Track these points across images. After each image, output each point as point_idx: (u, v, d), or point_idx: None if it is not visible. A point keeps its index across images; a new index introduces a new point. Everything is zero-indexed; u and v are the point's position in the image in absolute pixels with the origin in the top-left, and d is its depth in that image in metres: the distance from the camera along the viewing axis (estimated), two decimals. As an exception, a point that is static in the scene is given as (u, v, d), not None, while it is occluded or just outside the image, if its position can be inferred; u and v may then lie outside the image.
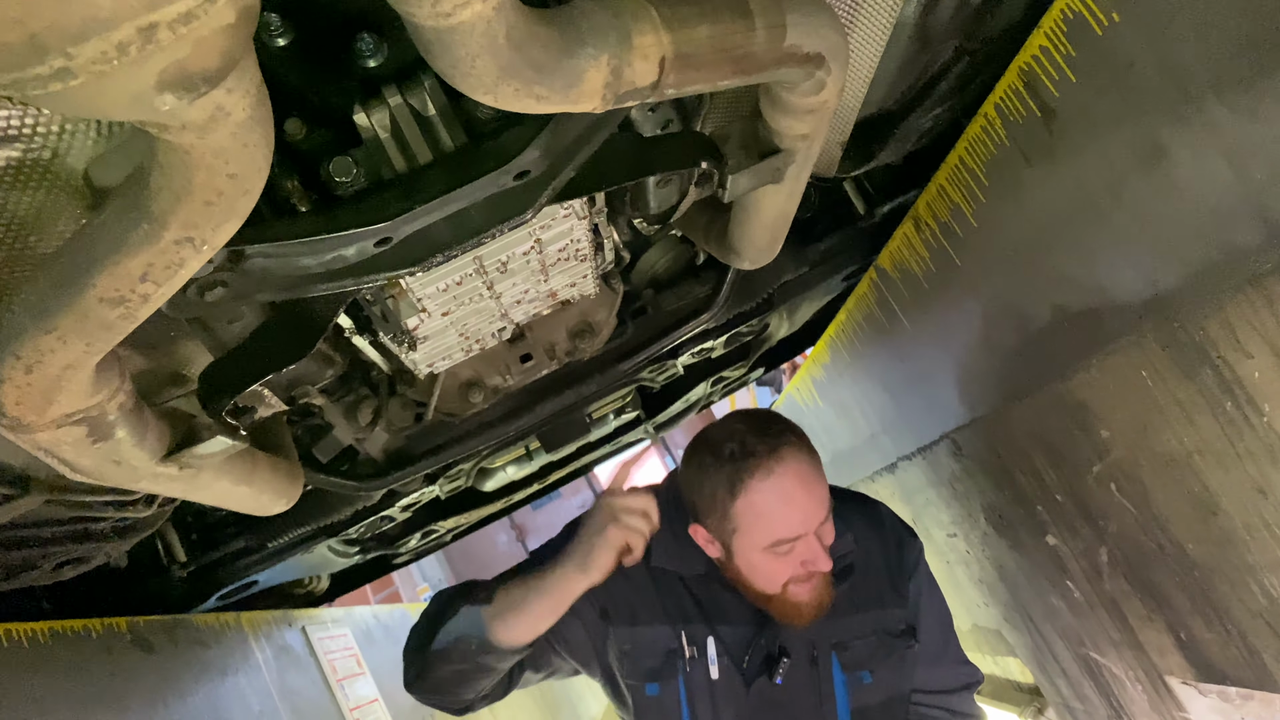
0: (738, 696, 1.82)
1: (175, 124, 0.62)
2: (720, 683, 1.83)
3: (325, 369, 1.47)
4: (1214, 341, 1.25)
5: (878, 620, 1.85)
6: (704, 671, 1.82)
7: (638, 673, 1.86)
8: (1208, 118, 1.08)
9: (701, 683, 1.83)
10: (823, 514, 1.63)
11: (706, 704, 1.83)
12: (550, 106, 0.83)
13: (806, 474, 1.63)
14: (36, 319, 0.76)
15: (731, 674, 1.82)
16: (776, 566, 1.67)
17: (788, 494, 1.61)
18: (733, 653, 1.82)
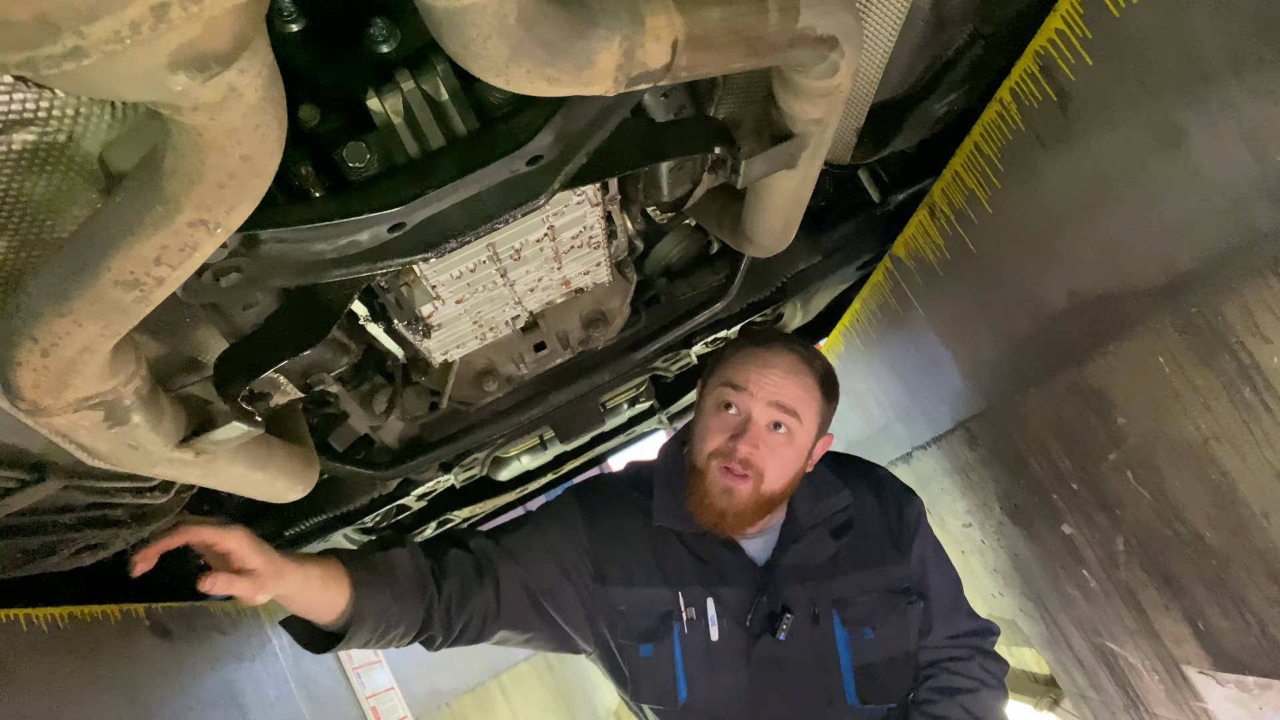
0: (737, 659, 1.82)
1: (188, 105, 0.62)
2: (719, 645, 1.82)
3: (340, 356, 1.47)
4: (1232, 326, 1.24)
5: (878, 578, 1.87)
6: (703, 633, 1.82)
7: (632, 634, 1.86)
8: (1226, 100, 1.07)
9: (699, 645, 1.83)
10: (777, 398, 1.72)
11: (703, 666, 1.82)
12: (562, 89, 0.83)
13: (784, 363, 1.76)
14: (52, 302, 0.77)
15: (732, 635, 1.82)
16: (712, 422, 1.77)
17: (755, 356, 1.76)
18: (734, 613, 1.82)
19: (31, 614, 1.31)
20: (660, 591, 1.84)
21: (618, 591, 1.85)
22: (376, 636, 1.74)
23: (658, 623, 1.84)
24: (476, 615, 1.83)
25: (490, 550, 1.88)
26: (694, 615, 1.82)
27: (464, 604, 1.82)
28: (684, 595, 1.83)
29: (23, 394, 0.83)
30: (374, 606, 1.67)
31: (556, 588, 1.85)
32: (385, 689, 3.00)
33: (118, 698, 1.41)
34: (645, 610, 1.85)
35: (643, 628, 1.85)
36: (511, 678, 4.74)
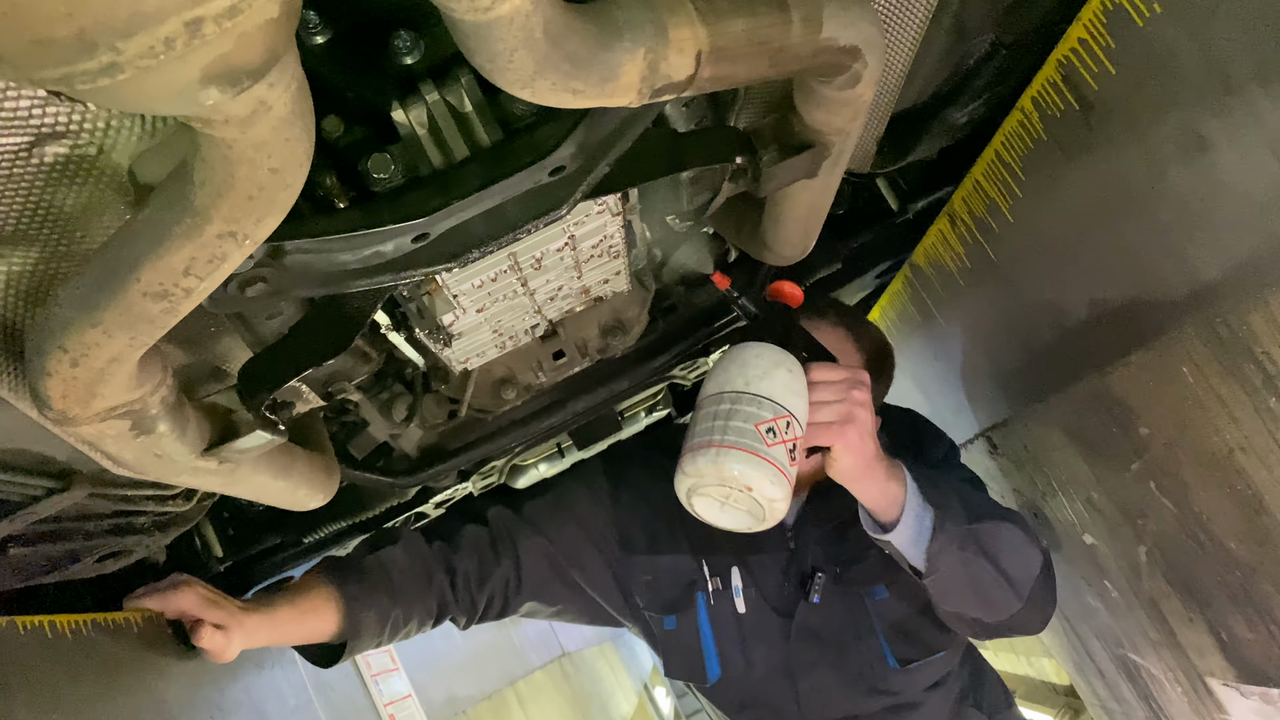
0: (770, 630, 1.75)
1: (218, 118, 0.63)
2: (748, 617, 1.76)
3: (362, 365, 1.48)
4: (1257, 336, 1.23)
5: None
6: (729, 605, 1.76)
7: (656, 604, 1.81)
8: (1251, 108, 1.07)
9: (728, 618, 1.76)
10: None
11: (734, 640, 1.76)
12: (586, 101, 0.83)
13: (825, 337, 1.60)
14: (82, 312, 0.77)
15: (760, 607, 1.75)
16: None
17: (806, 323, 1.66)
18: (763, 583, 1.76)
19: (56, 621, 1.32)
20: (684, 559, 1.79)
21: (642, 560, 1.81)
22: (386, 637, 1.74)
23: (681, 593, 1.79)
24: (498, 591, 1.81)
25: (509, 521, 1.85)
26: (719, 585, 1.77)
27: (483, 581, 1.80)
28: (708, 564, 1.77)
29: (52, 403, 0.84)
30: (371, 615, 1.68)
31: (584, 557, 1.81)
32: (403, 696, 3.00)
33: (141, 704, 1.41)
34: (669, 580, 1.80)
35: (666, 598, 1.80)
36: (528, 685, 4.74)
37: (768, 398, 1.32)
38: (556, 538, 1.84)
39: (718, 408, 1.34)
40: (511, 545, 1.84)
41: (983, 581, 1.53)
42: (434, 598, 1.77)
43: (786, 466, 1.29)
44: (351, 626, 1.65)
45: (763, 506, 1.31)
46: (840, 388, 1.39)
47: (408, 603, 1.73)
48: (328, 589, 1.67)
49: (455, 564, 1.81)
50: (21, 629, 1.27)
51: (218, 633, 1.44)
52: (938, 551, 1.46)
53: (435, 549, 1.82)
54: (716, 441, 1.29)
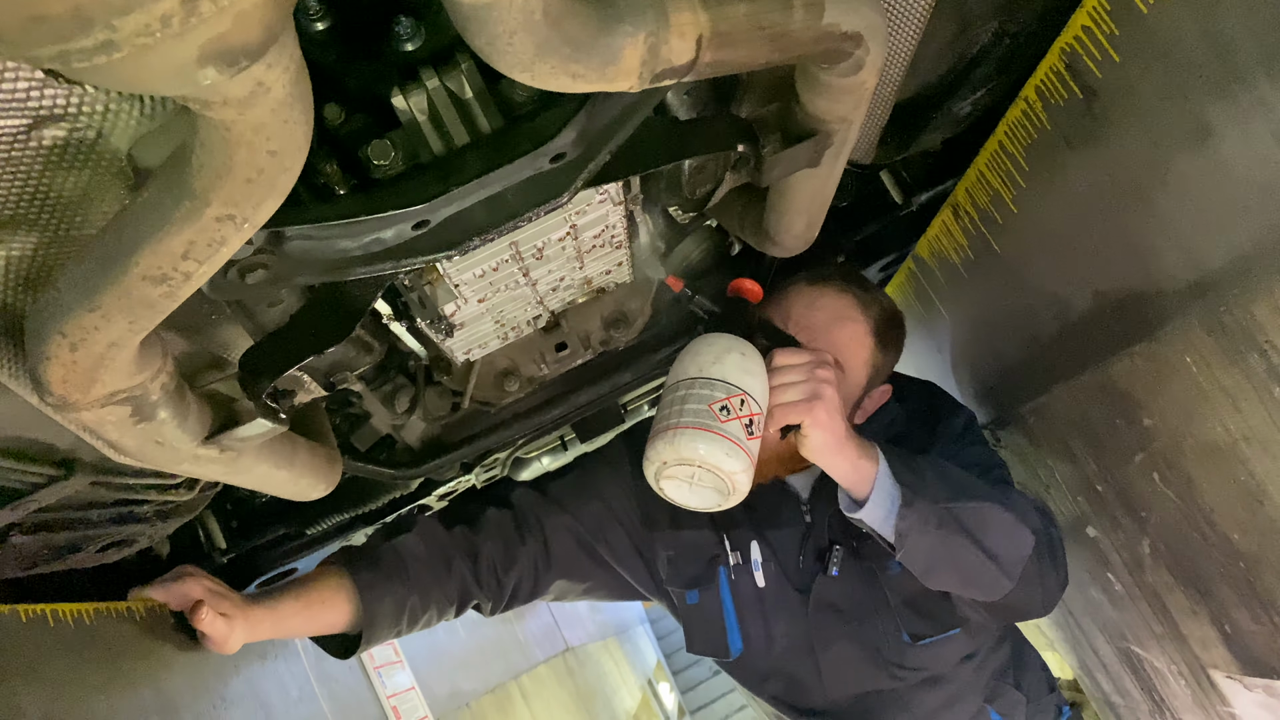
0: (790, 605, 1.75)
1: (216, 99, 0.63)
2: (768, 591, 1.76)
3: (364, 355, 1.48)
4: (1261, 325, 1.22)
5: None
6: (750, 579, 1.76)
7: (679, 579, 1.81)
8: (1257, 95, 1.06)
9: (749, 592, 1.76)
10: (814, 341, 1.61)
11: (756, 615, 1.76)
12: (587, 85, 0.83)
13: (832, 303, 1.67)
14: (81, 297, 0.77)
15: (780, 581, 1.75)
16: None
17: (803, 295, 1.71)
18: (782, 557, 1.75)
19: (58, 609, 1.32)
20: (705, 535, 1.79)
21: (665, 535, 1.81)
22: (404, 627, 1.73)
23: (703, 568, 1.79)
24: (526, 572, 1.80)
25: (535, 502, 1.86)
26: (740, 560, 1.76)
27: (510, 563, 1.80)
28: (729, 539, 1.77)
29: (52, 389, 0.84)
30: (387, 605, 1.67)
31: (610, 534, 1.81)
32: (406, 689, 3.00)
33: (143, 693, 1.41)
34: (691, 555, 1.79)
35: (689, 574, 1.80)
36: (531, 679, 4.75)
37: (719, 379, 1.39)
38: (582, 515, 1.84)
39: (674, 395, 1.42)
40: (539, 525, 1.84)
41: (965, 560, 1.52)
42: (454, 584, 1.77)
43: (743, 440, 1.35)
44: (366, 616, 1.65)
45: (725, 480, 1.36)
46: (804, 369, 1.45)
47: (425, 590, 1.73)
48: (339, 579, 1.67)
49: (479, 548, 1.80)
50: (24, 617, 1.27)
51: (219, 618, 1.44)
52: (906, 529, 1.48)
53: (456, 534, 1.82)
54: (673, 424, 1.37)
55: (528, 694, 4.55)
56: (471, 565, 1.78)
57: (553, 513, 1.84)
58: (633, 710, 8.39)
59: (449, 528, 1.82)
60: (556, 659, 5.67)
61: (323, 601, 1.64)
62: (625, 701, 8.18)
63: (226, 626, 1.45)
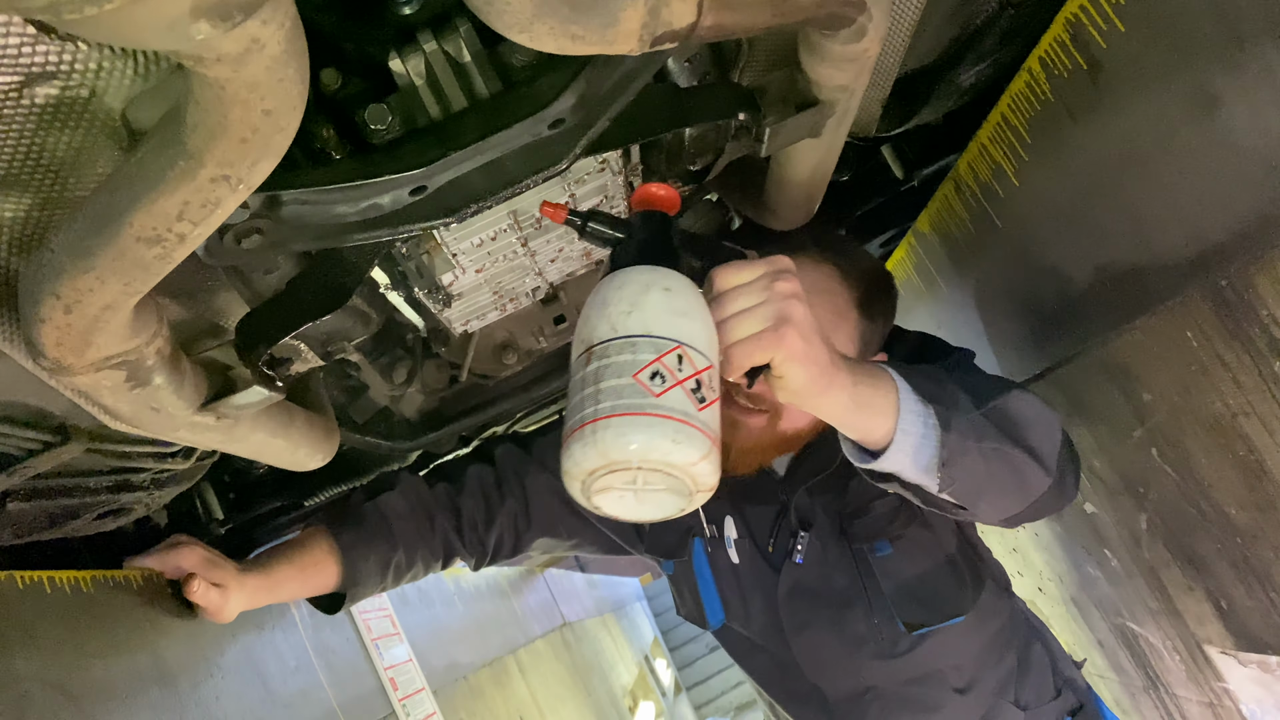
0: (764, 584, 1.69)
1: (210, 55, 0.62)
2: (743, 568, 1.69)
3: (361, 325, 1.47)
4: (1263, 299, 1.22)
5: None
6: (725, 555, 1.72)
7: (657, 547, 1.80)
8: (1263, 64, 1.05)
9: (725, 565, 1.72)
10: None
11: (734, 589, 1.73)
12: (586, 47, 0.82)
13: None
14: (75, 258, 0.77)
15: (754, 558, 1.68)
16: None
17: None
18: (758, 535, 1.69)
19: (55, 576, 1.32)
20: None
21: None
22: (389, 582, 1.75)
23: (678, 539, 1.78)
24: (507, 530, 1.81)
25: (516, 459, 1.85)
26: (714, 533, 1.71)
27: (490, 520, 1.81)
28: (704, 510, 1.67)
29: (46, 351, 0.84)
30: (371, 563, 1.69)
31: None
32: (404, 661, 3.02)
33: (139, 661, 1.42)
34: (668, 524, 1.75)
35: (665, 543, 1.79)
36: (528, 653, 4.77)
37: (642, 334, 0.95)
38: None
39: (585, 371, 0.96)
40: (519, 482, 1.84)
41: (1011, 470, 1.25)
42: (438, 539, 1.78)
43: (693, 414, 0.93)
44: (349, 575, 1.67)
45: (680, 476, 0.95)
46: (758, 287, 1.03)
47: (409, 546, 1.74)
48: (326, 541, 1.68)
49: (460, 504, 1.81)
50: (20, 583, 1.27)
51: (213, 589, 1.45)
52: (951, 457, 1.16)
53: (439, 490, 1.83)
54: (590, 416, 0.92)
55: (525, 668, 4.57)
56: (454, 521, 1.80)
57: (534, 470, 1.84)
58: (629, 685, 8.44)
59: (431, 485, 1.83)
60: (554, 634, 5.70)
61: (315, 564, 1.65)
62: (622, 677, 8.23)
63: (221, 597, 1.46)
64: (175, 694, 1.49)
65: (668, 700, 9.47)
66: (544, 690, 4.70)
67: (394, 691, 2.81)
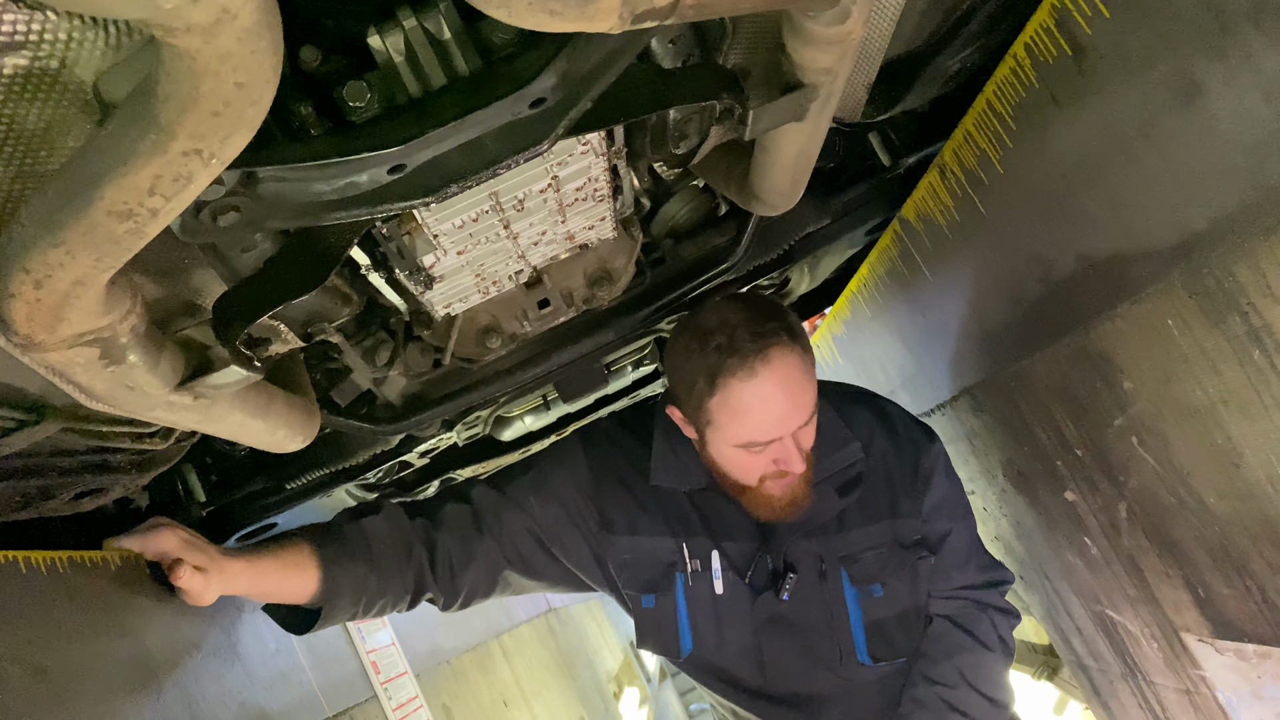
0: (743, 611, 1.81)
1: (180, 25, 0.61)
2: (725, 598, 1.81)
3: (342, 307, 1.46)
4: (1243, 287, 1.22)
5: (889, 531, 1.83)
6: (708, 586, 1.81)
7: (635, 583, 1.86)
8: (1246, 51, 1.05)
9: (705, 597, 1.82)
10: (802, 418, 1.62)
11: (710, 618, 1.82)
12: (566, 23, 0.81)
13: (791, 378, 1.59)
14: (45, 232, 0.76)
15: (737, 587, 1.81)
16: (749, 462, 1.67)
17: (766, 398, 1.58)
18: (737, 567, 1.81)
19: (30, 556, 1.31)
20: (664, 541, 1.83)
21: (623, 540, 1.84)
22: (360, 610, 1.73)
23: (661, 573, 1.84)
24: (483, 568, 1.82)
25: (492, 500, 1.87)
26: (698, 567, 1.81)
27: (467, 560, 1.81)
28: (688, 546, 1.82)
29: (16, 327, 0.83)
30: (348, 583, 1.67)
31: (564, 534, 1.84)
32: (386, 645, 3.02)
33: (117, 642, 1.41)
34: (649, 560, 1.84)
35: (646, 578, 1.84)
36: (513, 638, 4.78)
37: None
38: (539, 516, 1.86)
39: None
40: (496, 521, 1.86)
41: None
42: (412, 572, 1.78)
43: None
44: (329, 591, 1.65)
45: None
46: None
47: (383, 575, 1.73)
48: (309, 547, 1.67)
49: (437, 540, 1.81)
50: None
51: (196, 574, 1.44)
52: None
53: (417, 524, 1.83)
54: None
55: (509, 652, 4.58)
56: (429, 556, 1.80)
57: (511, 511, 1.85)
58: (614, 671, 8.46)
59: (411, 518, 1.82)
60: (539, 619, 5.70)
61: (297, 565, 1.64)
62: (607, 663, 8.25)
63: (203, 580, 1.45)
64: (152, 675, 1.49)
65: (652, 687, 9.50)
66: (528, 675, 4.70)
67: (376, 675, 2.81)
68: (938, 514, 1.87)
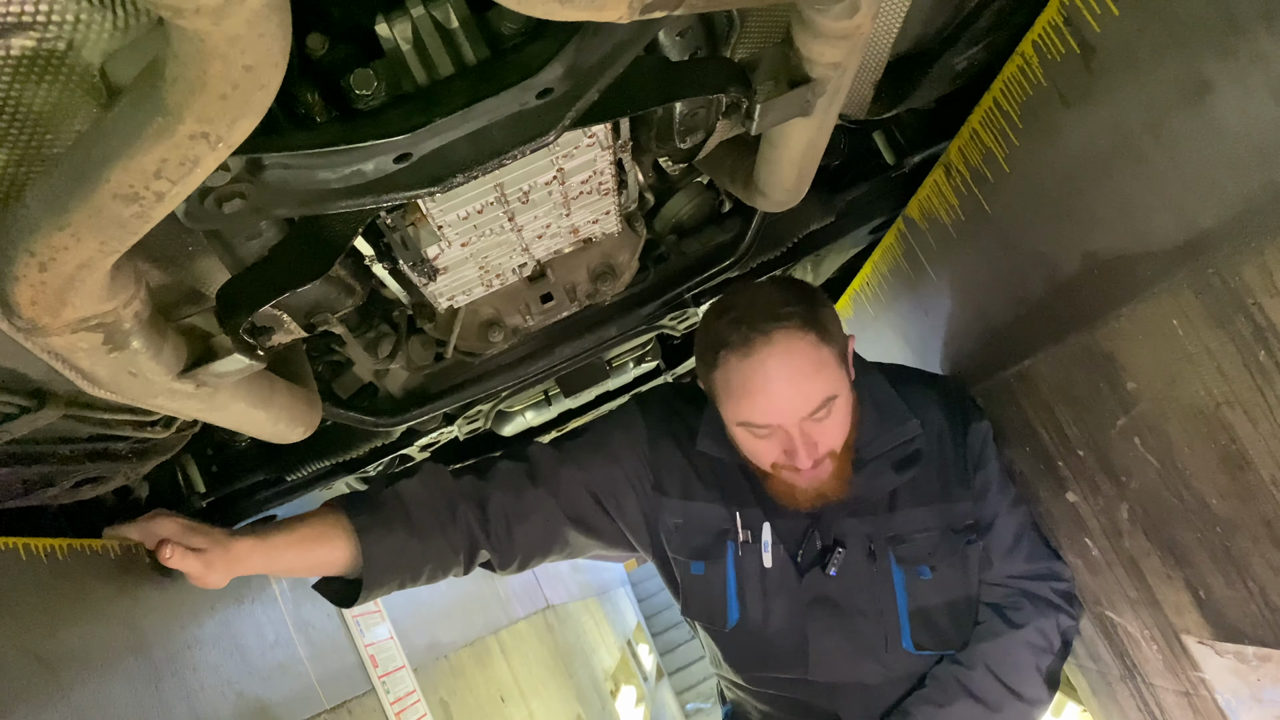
0: (791, 588, 1.78)
1: (189, 7, 0.61)
2: (773, 572, 1.78)
3: (345, 297, 1.46)
4: (1249, 287, 1.21)
5: (941, 514, 1.80)
6: (757, 558, 1.79)
7: (685, 549, 1.82)
8: (1256, 50, 1.04)
9: (753, 569, 1.79)
10: (806, 407, 1.58)
11: (757, 591, 1.79)
12: (574, 13, 0.80)
13: (794, 364, 1.56)
14: (50, 214, 0.75)
15: (786, 564, 1.78)
16: (755, 446, 1.65)
17: (764, 380, 1.56)
18: (787, 543, 1.79)
19: (30, 543, 1.31)
20: (717, 509, 1.80)
21: (675, 504, 1.82)
22: (409, 577, 1.68)
23: (712, 540, 1.81)
24: (541, 524, 1.78)
25: (550, 455, 1.85)
26: (749, 539, 1.79)
27: (522, 513, 1.76)
28: (741, 516, 1.79)
29: (20, 311, 0.83)
30: (385, 551, 1.63)
31: (620, 493, 1.82)
32: (384, 639, 3.02)
33: (116, 630, 1.41)
34: (701, 526, 1.81)
35: (697, 544, 1.82)
36: (511, 634, 4.78)
37: None
38: (595, 472, 1.84)
39: None
40: (554, 475, 1.82)
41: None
42: (460, 532, 1.72)
43: None
44: (365, 558, 1.60)
45: None
46: None
47: (425, 539, 1.67)
48: (336, 517, 1.63)
49: (488, 495, 1.75)
50: (-5, 550, 1.26)
51: (189, 554, 1.41)
52: None
53: (465, 481, 1.77)
54: None
55: (506, 649, 4.58)
56: (480, 513, 1.73)
57: (567, 466, 1.83)
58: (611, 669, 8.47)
59: (458, 476, 1.79)
60: (536, 616, 5.71)
61: (318, 536, 1.59)
62: (604, 660, 8.25)
63: (200, 561, 1.42)
64: (151, 664, 1.49)
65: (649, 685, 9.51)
66: (525, 671, 4.70)
67: (374, 668, 2.81)
68: (986, 493, 1.84)
